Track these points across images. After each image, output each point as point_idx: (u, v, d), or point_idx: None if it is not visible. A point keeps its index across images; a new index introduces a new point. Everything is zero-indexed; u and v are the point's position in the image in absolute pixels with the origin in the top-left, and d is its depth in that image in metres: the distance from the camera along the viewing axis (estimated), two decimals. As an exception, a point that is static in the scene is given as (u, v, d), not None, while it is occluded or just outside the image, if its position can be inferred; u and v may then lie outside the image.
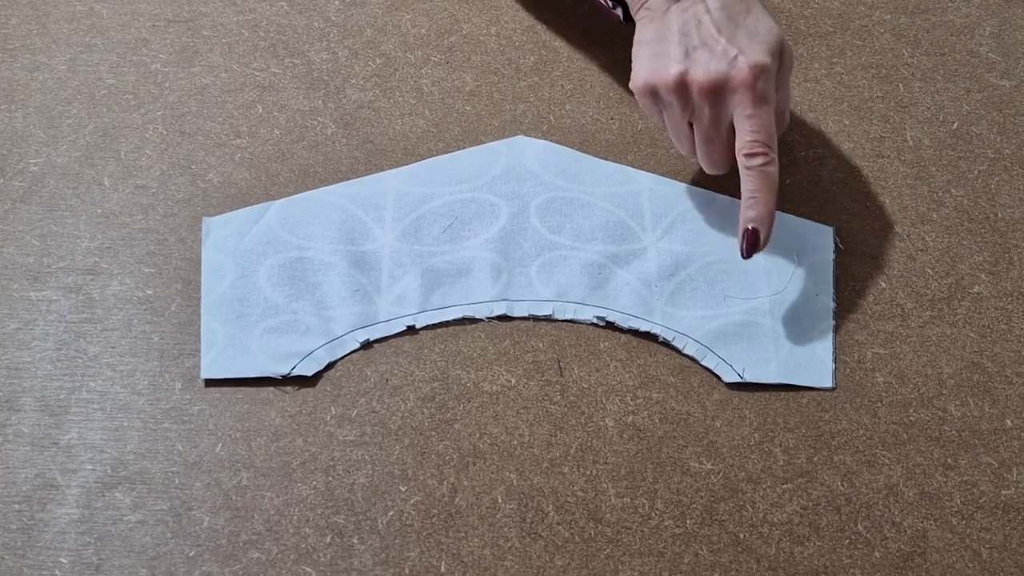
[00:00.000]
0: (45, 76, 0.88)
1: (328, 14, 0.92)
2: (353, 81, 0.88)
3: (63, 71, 0.88)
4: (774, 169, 0.73)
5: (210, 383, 0.73)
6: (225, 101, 0.87)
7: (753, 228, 0.73)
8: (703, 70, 0.73)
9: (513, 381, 0.74)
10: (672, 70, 0.73)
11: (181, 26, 0.91)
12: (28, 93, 0.87)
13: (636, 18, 0.78)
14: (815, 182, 0.83)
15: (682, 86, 0.74)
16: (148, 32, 0.91)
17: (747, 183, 0.74)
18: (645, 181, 0.82)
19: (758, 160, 0.73)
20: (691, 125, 0.76)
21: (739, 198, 0.81)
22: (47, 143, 0.84)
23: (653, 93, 0.75)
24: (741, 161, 0.73)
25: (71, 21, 0.92)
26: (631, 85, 0.77)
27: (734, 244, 0.78)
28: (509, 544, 0.67)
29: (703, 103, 0.73)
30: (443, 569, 0.66)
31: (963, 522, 0.68)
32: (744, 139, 0.73)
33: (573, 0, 0.93)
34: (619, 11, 0.82)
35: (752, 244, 0.74)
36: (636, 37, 0.78)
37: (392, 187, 0.82)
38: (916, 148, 0.85)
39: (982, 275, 0.78)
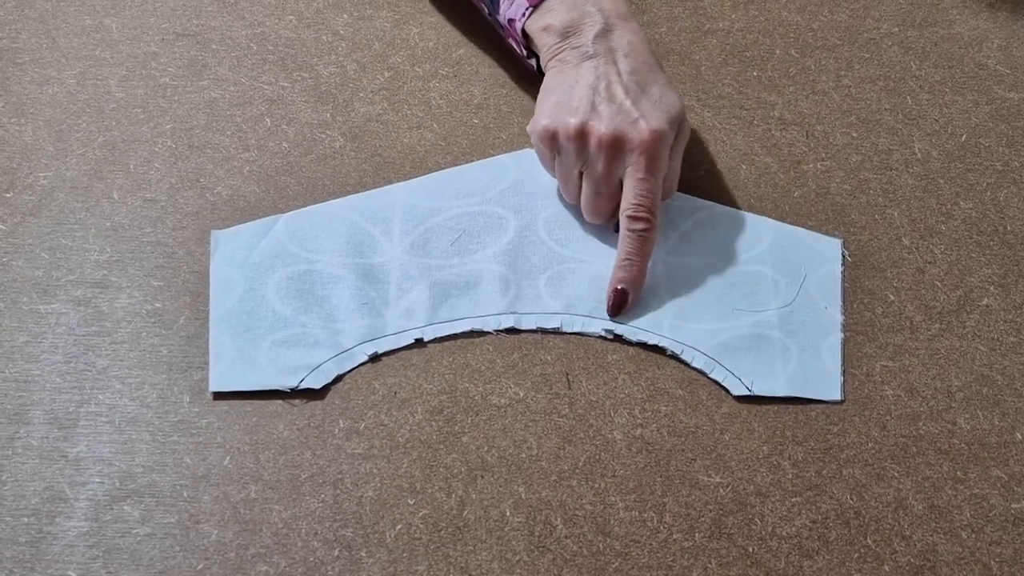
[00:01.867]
0: (55, 90, 0.88)
1: (336, 28, 0.93)
2: (361, 94, 0.89)
3: (72, 85, 0.89)
4: (653, 236, 0.76)
5: (218, 396, 0.73)
6: (234, 114, 0.87)
7: (622, 288, 0.76)
8: (605, 124, 0.75)
9: (521, 394, 0.73)
10: (575, 119, 0.75)
11: (190, 40, 0.92)
12: (38, 107, 0.87)
13: (546, 68, 0.80)
14: (823, 194, 0.83)
15: (581, 135, 0.75)
16: (157, 46, 0.91)
17: (625, 244, 0.76)
18: (653, 194, 0.82)
19: (640, 225, 0.75)
20: (581, 175, 0.77)
21: (746, 211, 0.81)
22: (56, 156, 0.85)
23: (552, 138, 0.77)
24: (624, 222, 0.76)
25: (80, 35, 0.92)
26: (530, 128, 0.78)
27: (742, 257, 0.78)
28: (517, 558, 0.67)
29: (599, 155, 0.75)
30: (451, 582, 0.66)
31: (973, 536, 0.68)
32: (630, 201, 0.75)
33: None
34: (533, 62, 0.84)
35: (619, 304, 0.76)
36: (544, 84, 0.80)
37: (400, 200, 0.82)
38: (924, 160, 0.85)
39: (991, 288, 0.78)
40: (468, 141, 0.86)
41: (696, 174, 0.84)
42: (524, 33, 0.82)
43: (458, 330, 0.76)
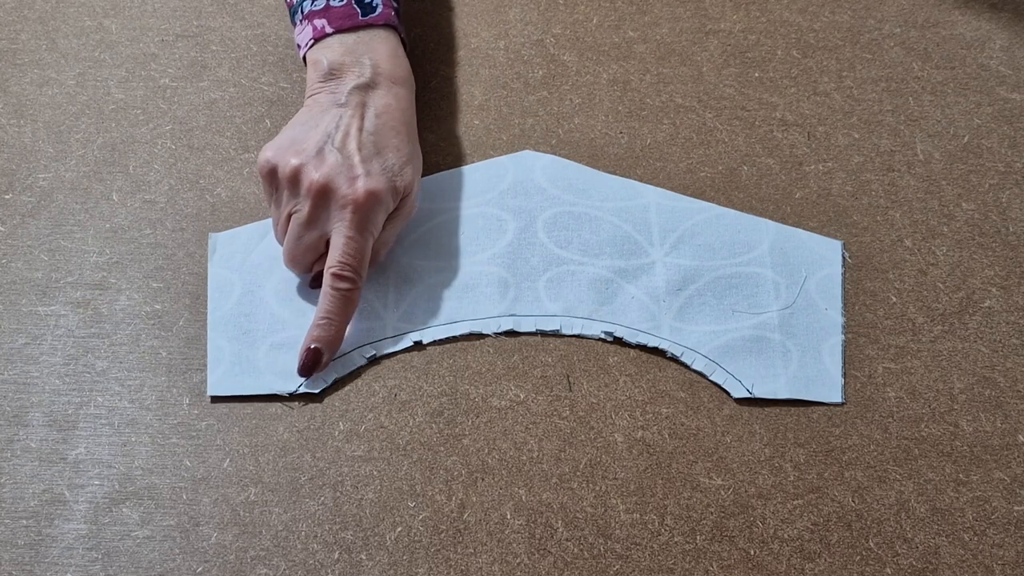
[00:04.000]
0: (54, 91, 0.88)
1: (337, 28, 0.92)
2: (362, 95, 0.88)
3: (72, 86, 0.89)
4: (356, 296, 0.74)
5: (217, 399, 0.73)
6: (234, 115, 0.87)
7: (316, 348, 0.73)
8: (321, 172, 0.73)
9: (522, 396, 0.73)
10: (296, 159, 0.74)
11: (190, 41, 0.92)
12: (37, 108, 0.87)
13: (305, 103, 0.79)
14: (825, 196, 0.82)
15: (296, 176, 0.74)
16: (157, 47, 0.91)
17: (326, 303, 0.73)
18: (653, 195, 0.82)
19: (344, 285, 0.73)
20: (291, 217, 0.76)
21: (748, 212, 0.81)
22: (56, 158, 0.84)
23: (272, 174, 0.75)
24: (327, 279, 0.73)
25: (80, 36, 0.92)
26: (258, 158, 0.76)
27: (742, 259, 0.78)
28: (518, 560, 0.67)
29: (307, 200, 0.73)
30: (451, 585, 0.66)
31: (975, 538, 0.68)
32: (336, 258, 0.73)
33: (582, 14, 0.93)
34: None
35: (311, 365, 0.73)
36: (292, 118, 0.78)
37: (400, 202, 0.82)
38: (926, 162, 0.85)
39: (993, 289, 0.78)
40: (468, 142, 0.85)
41: (697, 175, 0.83)
42: (305, 60, 0.82)
43: (457, 333, 0.76)
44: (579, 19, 0.93)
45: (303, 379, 0.73)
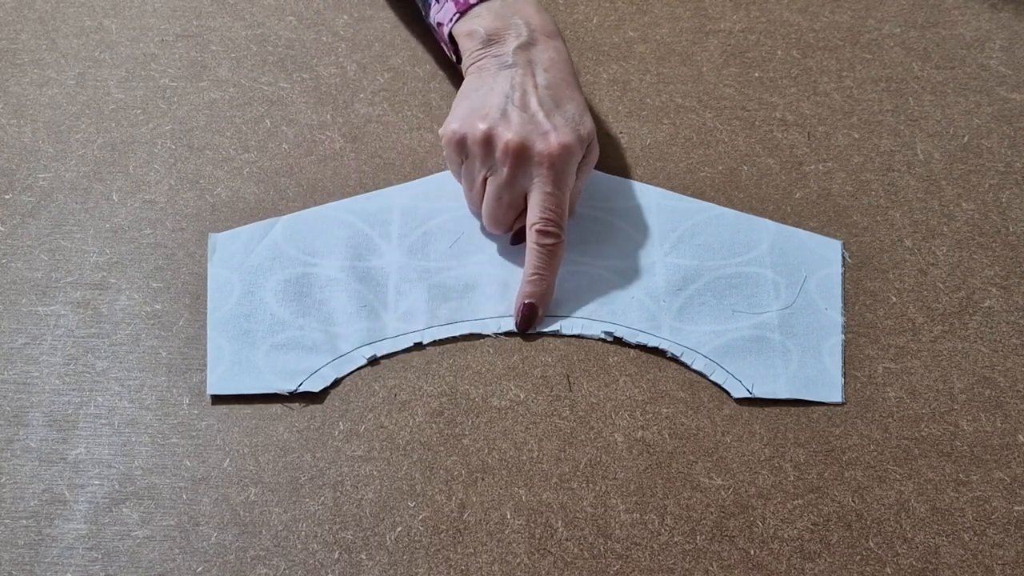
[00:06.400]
0: (54, 91, 0.88)
1: (337, 28, 0.93)
2: (361, 95, 0.88)
3: (72, 86, 0.89)
4: (561, 250, 0.75)
5: (217, 399, 0.73)
6: (233, 116, 0.87)
7: (530, 303, 0.75)
8: (513, 131, 0.74)
9: (522, 396, 0.73)
10: (484, 124, 0.75)
11: (190, 41, 0.92)
12: (37, 108, 0.87)
13: (466, 74, 0.80)
14: (825, 196, 0.82)
15: (488, 140, 0.75)
16: (157, 47, 0.91)
17: (533, 259, 0.75)
18: (653, 195, 0.82)
19: (549, 240, 0.74)
20: (486, 182, 0.77)
21: (748, 212, 0.81)
22: (56, 158, 0.84)
23: (461, 143, 0.76)
24: (531, 236, 0.75)
25: (80, 36, 0.92)
26: (441, 131, 0.77)
27: (742, 259, 0.78)
28: (518, 560, 0.67)
29: (504, 162, 0.74)
30: (451, 585, 0.66)
31: (975, 538, 0.68)
32: (538, 215, 0.74)
33: (582, 14, 0.93)
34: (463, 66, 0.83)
35: (528, 319, 0.75)
36: (461, 89, 0.79)
37: (398, 202, 0.81)
38: (926, 162, 0.85)
39: (993, 289, 0.78)
40: (468, 142, 0.85)
41: (697, 175, 0.83)
42: (451, 37, 0.82)
43: (456, 333, 0.76)
44: (579, 19, 0.93)
45: (519, 332, 0.75)
